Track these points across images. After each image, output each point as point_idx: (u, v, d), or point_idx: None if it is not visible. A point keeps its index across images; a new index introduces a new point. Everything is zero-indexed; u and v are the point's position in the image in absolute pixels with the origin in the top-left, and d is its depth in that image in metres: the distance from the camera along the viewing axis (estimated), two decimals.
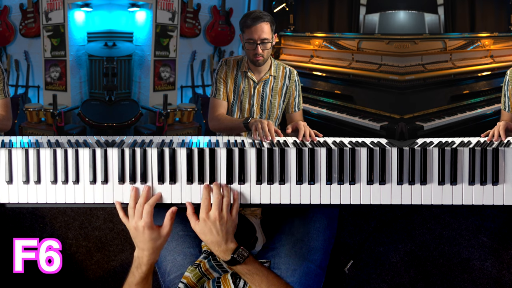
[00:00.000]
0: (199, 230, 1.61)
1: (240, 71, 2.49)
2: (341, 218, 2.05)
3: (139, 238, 1.61)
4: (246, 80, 2.49)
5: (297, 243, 1.82)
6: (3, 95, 2.25)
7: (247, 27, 2.37)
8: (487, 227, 2.89)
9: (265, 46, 2.38)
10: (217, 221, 1.59)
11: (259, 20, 2.36)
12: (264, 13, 2.40)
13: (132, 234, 1.63)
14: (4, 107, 2.25)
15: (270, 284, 1.59)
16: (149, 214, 1.60)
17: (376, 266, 2.81)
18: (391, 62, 3.25)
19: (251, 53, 2.41)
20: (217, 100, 2.48)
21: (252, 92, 2.49)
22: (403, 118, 3.00)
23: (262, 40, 2.36)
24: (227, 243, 1.59)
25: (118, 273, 2.80)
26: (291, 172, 1.71)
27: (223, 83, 2.48)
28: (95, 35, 4.28)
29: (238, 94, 2.49)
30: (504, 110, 2.28)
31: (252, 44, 2.37)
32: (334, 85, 3.52)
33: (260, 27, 2.36)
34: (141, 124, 4.19)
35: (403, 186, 1.72)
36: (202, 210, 1.61)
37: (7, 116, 2.26)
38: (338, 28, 4.12)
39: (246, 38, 2.39)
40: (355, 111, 3.29)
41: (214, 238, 1.59)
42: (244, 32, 2.41)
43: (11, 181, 1.67)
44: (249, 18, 2.38)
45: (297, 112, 2.60)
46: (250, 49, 2.40)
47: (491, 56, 3.56)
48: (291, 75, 2.55)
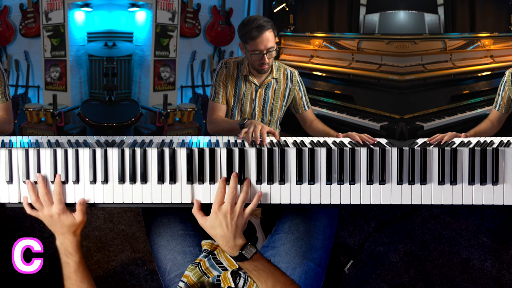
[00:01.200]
0: (209, 224, 1.61)
1: (241, 74, 2.45)
2: (341, 218, 2.06)
3: (57, 224, 1.64)
4: (247, 83, 2.45)
5: (297, 242, 1.82)
6: (4, 98, 2.24)
7: (252, 38, 2.30)
8: (487, 227, 2.89)
9: (271, 54, 2.34)
10: (228, 214, 1.59)
11: (264, 30, 2.29)
12: (265, 20, 2.32)
13: (48, 223, 1.66)
14: (5, 110, 2.25)
15: (276, 281, 1.59)
16: (61, 202, 1.64)
17: (376, 266, 2.81)
18: (391, 62, 3.25)
19: (257, 63, 2.36)
20: (215, 103, 2.45)
21: (254, 95, 2.46)
22: (403, 118, 3.00)
23: (268, 49, 2.31)
24: (235, 238, 1.59)
25: (118, 273, 2.80)
26: (291, 172, 1.71)
27: (223, 87, 2.45)
28: (95, 35, 4.28)
29: (238, 98, 2.46)
30: (494, 109, 2.32)
31: (259, 54, 2.32)
32: (334, 85, 3.52)
33: (265, 37, 2.30)
34: (141, 124, 4.19)
35: (403, 186, 1.72)
36: (215, 203, 1.61)
37: (8, 119, 2.26)
38: (338, 28, 4.12)
39: (251, 49, 2.33)
40: (355, 111, 3.29)
41: (223, 232, 1.59)
42: (247, 43, 2.34)
43: (11, 181, 1.67)
44: (253, 29, 2.29)
45: (307, 110, 2.57)
46: (256, 59, 2.34)
47: (491, 56, 3.56)
48: (292, 76, 2.52)
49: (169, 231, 1.92)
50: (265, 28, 2.29)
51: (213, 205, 1.61)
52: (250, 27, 2.30)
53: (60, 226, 1.64)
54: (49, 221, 1.65)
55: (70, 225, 1.64)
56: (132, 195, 1.70)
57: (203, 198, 1.69)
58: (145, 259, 2.81)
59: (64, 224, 1.63)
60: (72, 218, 1.64)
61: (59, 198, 1.64)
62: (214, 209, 1.61)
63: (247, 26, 2.32)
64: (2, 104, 2.24)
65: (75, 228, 1.65)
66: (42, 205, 1.64)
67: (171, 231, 1.92)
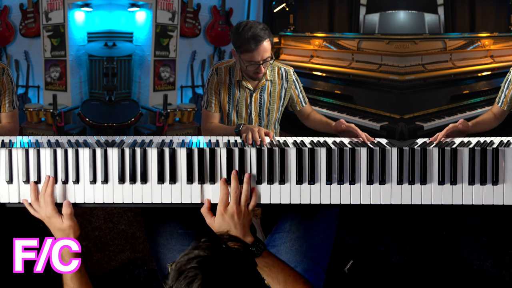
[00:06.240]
0: (217, 225, 1.62)
1: (233, 80, 2.36)
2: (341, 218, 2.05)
3: (54, 225, 1.64)
4: (241, 89, 2.36)
5: (297, 241, 1.82)
6: (12, 107, 2.25)
7: (249, 51, 2.19)
8: (487, 227, 2.89)
9: (267, 64, 2.26)
10: (235, 214, 1.60)
11: (261, 42, 2.17)
12: (261, 28, 2.20)
13: (47, 224, 1.65)
14: (12, 118, 2.25)
15: (286, 275, 1.58)
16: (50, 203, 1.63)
17: (376, 266, 2.81)
18: (391, 62, 3.25)
19: (251, 72, 2.27)
20: (208, 112, 2.38)
21: (249, 100, 2.38)
22: (403, 118, 3.00)
23: (264, 59, 2.23)
24: (244, 237, 1.60)
25: (118, 273, 2.80)
26: (291, 172, 1.71)
27: (215, 95, 2.36)
28: (95, 35, 4.28)
29: (233, 105, 2.38)
30: (497, 104, 2.33)
31: (254, 65, 2.23)
32: (334, 85, 3.52)
33: (262, 48, 2.19)
34: (141, 124, 4.19)
35: (403, 186, 1.72)
36: (220, 204, 1.62)
37: (15, 127, 2.27)
38: (338, 28, 4.12)
39: (246, 60, 2.23)
40: (355, 111, 3.29)
41: (232, 233, 1.59)
42: (242, 53, 2.22)
43: (11, 181, 1.67)
44: (249, 40, 2.17)
45: (305, 105, 2.51)
46: (251, 69, 2.26)
47: (491, 56, 3.56)
48: (288, 76, 2.44)
49: (169, 230, 1.92)
50: (263, 39, 2.18)
51: (218, 207, 1.62)
52: (246, 38, 2.18)
53: (53, 228, 1.64)
54: (47, 221, 1.65)
55: (61, 229, 1.63)
56: (132, 195, 1.70)
57: (202, 197, 1.69)
58: (145, 259, 2.81)
59: (55, 227, 1.63)
60: (60, 222, 1.63)
61: (49, 200, 1.63)
62: (220, 211, 1.61)
63: (242, 35, 2.19)
64: (9, 113, 2.25)
65: (67, 232, 1.63)
66: (39, 206, 1.64)
67: (170, 230, 1.92)
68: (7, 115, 2.24)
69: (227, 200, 1.62)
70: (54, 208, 1.63)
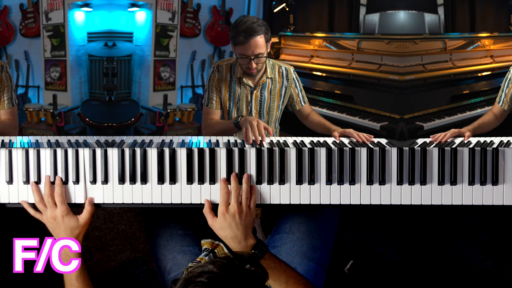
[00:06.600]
0: (218, 226, 1.60)
1: (234, 77, 2.38)
2: (341, 218, 2.06)
3: (59, 228, 1.61)
4: (241, 86, 2.38)
5: (297, 241, 1.82)
6: (11, 104, 2.26)
7: (238, 43, 2.21)
8: (487, 227, 2.89)
9: (259, 60, 2.26)
10: (236, 214, 1.58)
11: (252, 36, 2.18)
12: (257, 23, 2.21)
13: (51, 226, 1.63)
14: (11, 115, 2.26)
15: (288, 277, 1.58)
16: (64, 203, 1.62)
17: (376, 266, 2.81)
18: (391, 62, 3.25)
19: (244, 67, 2.29)
20: (209, 109, 2.39)
21: (250, 97, 2.40)
22: (403, 118, 3.00)
23: (256, 55, 2.23)
24: (246, 238, 1.58)
25: (118, 273, 2.80)
26: (291, 172, 1.71)
27: (216, 92, 2.38)
28: (95, 35, 4.29)
29: (234, 102, 2.40)
30: (498, 104, 2.33)
31: (246, 59, 2.25)
32: (334, 85, 3.53)
33: (253, 42, 2.20)
34: (141, 124, 4.20)
35: (403, 186, 1.72)
36: (221, 204, 1.60)
37: (14, 124, 2.28)
38: (338, 28, 4.12)
39: (238, 53, 2.25)
40: (355, 111, 3.29)
41: (234, 233, 1.58)
42: (235, 45, 2.24)
43: (11, 181, 1.67)
44: (240, 33, 2.19)
45: (305, 105, 2.52)
46: (243, 63, 2.27)
47: (491, 56, 3.56)
48: (288, 74, 2.46)
49: (169, 231, 1.92)
50: (255, 33, 2.19)
51: (219, 206, 1.61)
52: (238, 30, 2.19)
53: (63, 229, 1.62)
54: (52, 223, 1.62)
55: (73, 228, 1.62)
56: (132, 195, 1.70)
57: (202, 198, 1.69)
58: (145, 259, 2.81)
59: (67, 227, 1.61)
60: (75, 220, 1.62)
61: (61, 199, 1.62)
62: (221, 211, 1.60)
63: (237, 28, 2.21)
64: (8, 109, 2.26)
65: (78, 231, 1.62)
66: (45, 207, 1.63)
67: (170, 231, 1.91)
68: (6, 112, 2.25)
69: (228, 199, 1.62)
70: (68, 207, 1.62)
